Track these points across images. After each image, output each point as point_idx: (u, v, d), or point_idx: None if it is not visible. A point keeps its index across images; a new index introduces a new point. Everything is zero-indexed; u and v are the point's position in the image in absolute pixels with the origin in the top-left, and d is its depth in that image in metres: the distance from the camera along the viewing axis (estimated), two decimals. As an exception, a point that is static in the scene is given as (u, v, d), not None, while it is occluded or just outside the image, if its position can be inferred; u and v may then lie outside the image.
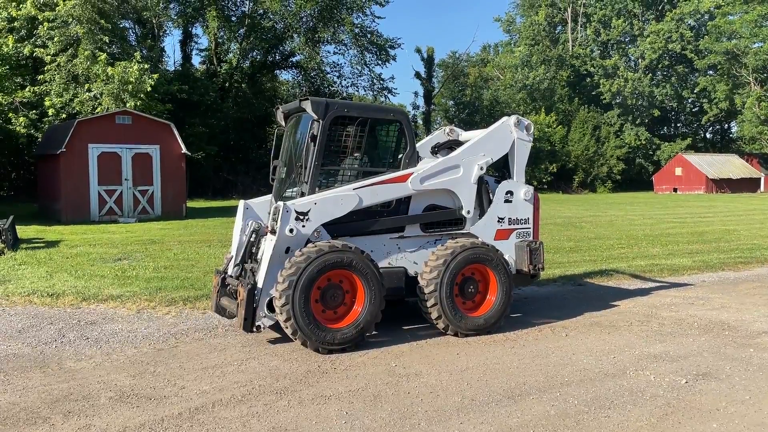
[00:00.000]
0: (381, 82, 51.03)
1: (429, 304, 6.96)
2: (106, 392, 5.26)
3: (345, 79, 51.86)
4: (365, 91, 52.29)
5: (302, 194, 6.89)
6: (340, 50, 50.57)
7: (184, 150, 23.03)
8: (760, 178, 60.51)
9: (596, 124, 58.89)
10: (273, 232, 6.53)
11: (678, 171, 59.45)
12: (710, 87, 59.53)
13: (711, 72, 61.15)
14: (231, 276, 7.25)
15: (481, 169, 7.59)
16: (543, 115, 56.64)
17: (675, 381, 5.55)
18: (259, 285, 6.47)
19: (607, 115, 61.55)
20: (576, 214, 25.68)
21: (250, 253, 7.20)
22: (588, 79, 62.85)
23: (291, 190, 7.40)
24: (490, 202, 7.82)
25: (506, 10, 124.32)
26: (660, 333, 7.26)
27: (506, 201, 7.88)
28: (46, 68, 29.84)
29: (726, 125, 72.95)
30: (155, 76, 29.16)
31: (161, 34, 44.55)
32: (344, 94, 51.80)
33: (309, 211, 6.60)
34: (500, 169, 8.40)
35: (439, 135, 8.75)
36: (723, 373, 5.79)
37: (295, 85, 52.46)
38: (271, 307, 6.48)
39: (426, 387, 5.42)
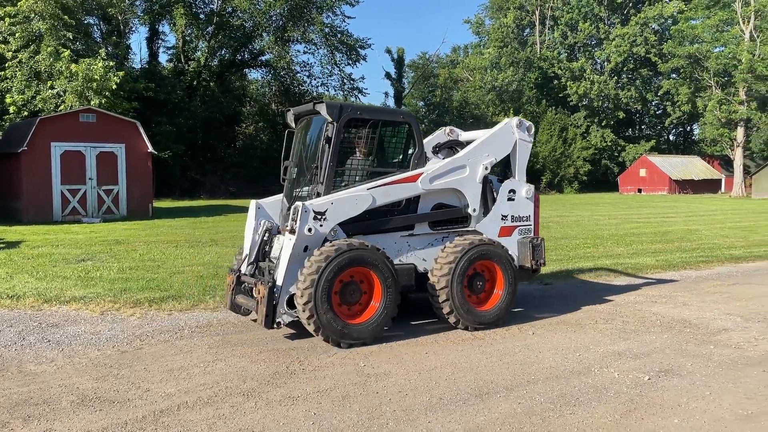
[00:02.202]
0: (351, 81, 51.01)
1: (441, 299, 7.20)
2: (68, 396, 5.13)
3: (315, 79, 51.68)
4: (335, 90, 52.19)
5: (318, 194, 7.03)
6: (310, 49, 50.46)
7: (150, 149, 22.68)
8: (720, 180, 62.17)
9: (563, 125, 59.83)
10: (292, 231, 6.69)
11: (642, 172, 60.74)
12: (673, 90, 60.89)
13: (674, 75, 62.55)
14: (246, 274, 7.40)
15: (486, 168, 7.87)
16: (511, 116, 57.18)
17: (638, 378, 5.66)
18: (279, 283, 6.64)
19: (574, 117, 62.57)
20: (543, 215, 25.94)
21: (263, 252, 7.44)
22: (555, 81, 63.78)
23: (300, 189, 7.59)
24: (494, 200, 8.10)
25: (476, 12, 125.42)
26: (624, 331, 7.40)
27: (509, 199, 8.17)
28: (7, 65, 29.10)
29: (688, 127, 74.79)
30: (121, 73, 28.65)
31: (127, 31, 43.76)
32: (314, 94, 51.61)
33: (326, 210, 6.78)
34: (501, 168, 8.67)
35: (440, 135, 8.94)
36: (684, 369, 5.92)
37: (264, 84, 52.11)
38: (290, 304, 6.67)
39: (395, 387, 5.42)
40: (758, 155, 56.73)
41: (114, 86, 27.70)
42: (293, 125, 8.20)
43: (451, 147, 8.49)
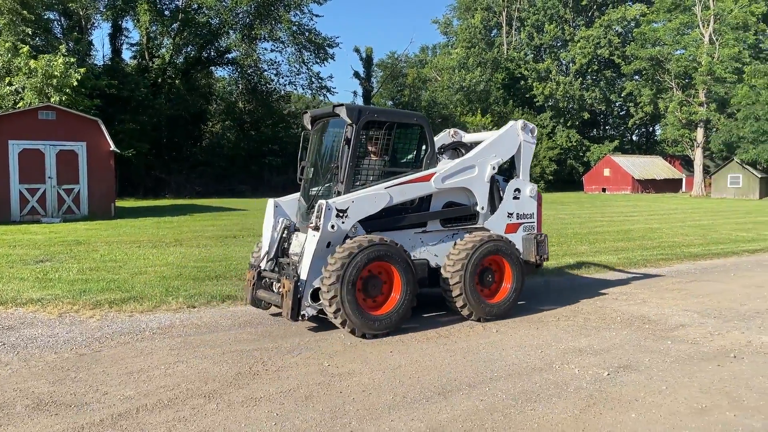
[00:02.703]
0: (319, 80, 50.85)
1: (455, 293, 7.58)
2: (23, 400, 5.00)
3: (283, 77, 51.38)
4: (303, 89, 52.03)
5: (338, 193, 7.32)
6: (277, 48, 50.15)
7: (112, 147, 22.22)
8: (681, 179, 63.74)
9: (530, 126, 60.46)
10: (316, 228, 6.99)
11: (606, 172, 61.91)
12: (636, 91, 62.21)
13: (637, 77, 63.91)
14: (266, 270, 7.71)
15: (494, 168, 8.31)
16: (479, 116, 57.78)
17: (598, 373, 5.76)
18: (303, 277, 6.95)
19: (540, 117, 63.39)
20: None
21: (282, 249, 7.79)
22: (522, 82, 64.54)
23: (316, 188, 8.00)
24: (500, 199, 8.58)
25: (444, 12, 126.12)
26: (585, 327, 7.53)
27: (515, 198, 8.67)
28: (-38, 60, 28.17)
29: (651, 128, 76.45)
30: (82, 70, 28.03)
31: (89, 27, 42.87)
32: (282, 93, 51.30)
33: (348, 208, 7.11)
34: (506, 168, 9.08)
35: (444, 137, 9.37)
36: (642, 364, 6.05)
37: (231, 82, 51.56)
38: (314, 298, 6.99)
39: (358, 386, 5.41)
40: (717, 156, 58.29)
41: (75, 83, 27.09)
42: (309, 127, 8.48)
43: (455, 148, 8.91)
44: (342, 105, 7.48)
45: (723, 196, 51.45)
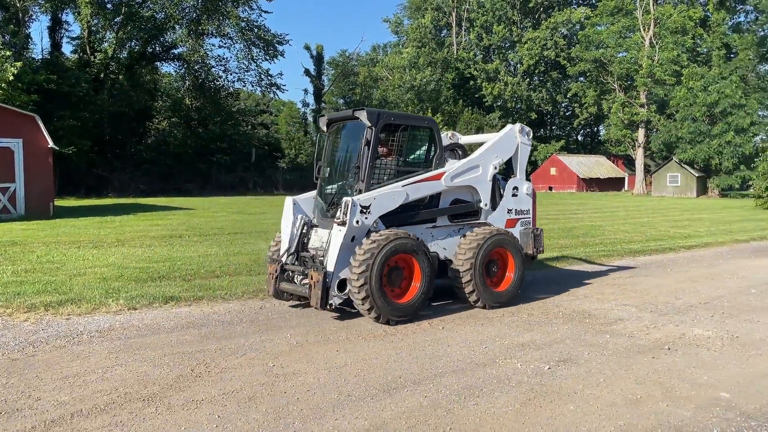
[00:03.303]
0: (269, 77, 50.26)
1: (465, 283, 8.18)
2: (-53, 409, 4.75)
3: (231, 74, 50.61)
4: (253, 86, 51.32)
5: (359, 191, 7.83)
6: (225, 44, 49.28)
7: (51, 144, 21.40)
8: (624, 178, 65.85)
9: (479, 125, 61.41)
10: (343, 223, 7.47)
11: (553, 171, 63.40)
12: (581, 92, 63.94)
13: (581, 78, 65.67)
14: (288, 263, 8.17)
15: (495, 168, 8.98)
16: (429, 115, 58.19)
17: (539, 368, 5.89)
18: (330, 269, 7.43)
19: (489, 117, 64.34)
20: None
21: (302, 244, 8.28)
22: (471, 82, 65.37)
23: (331, 186, 8.55)
24: (501, 196, 9.26)
25: (394, 11, 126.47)
26: (528, 323, 7.68)
27: (513, 195, 9.40)
28: None
29: (595, 128, 78.67)
30: (18, 64, 26.92)
31: (26, 19, 41.12)
32: (231, 89, 50.49)
33: (370, 205, 7.63)
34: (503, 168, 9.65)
35: (443, 139, 9.64)
36: (582, 358, 6.21)
37: (177, 78, 50.39)
38: (341, 288, 7.49)
39: (303, 386, 5.37)
40: (657, 155, 60.50)
41: (11, 77, 25.98)
42: (325, 129, 8.92)
43: (453, 149, 9.48)
44: (363, 109, 8.01)
45: (663, 195, 53.44)
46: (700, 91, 50.85)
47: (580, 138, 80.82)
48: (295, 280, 8.10)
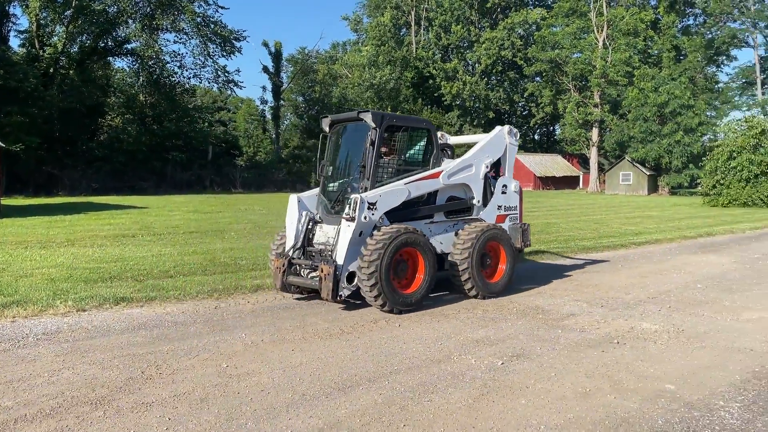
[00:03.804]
0: (226, 74, 49.55)
1: (463, 275, 8.71)
2: None
3: (187, 70, 49.72)
4: (209, 83, 50.50)
5: (365, 189, 8.24)
6: (181, 39, 48.33)
7: (-3, 141, 20.60)
8: (579, 176, 67.28)
9: (438, 124, 61.82)
10: (352, 219, 7.89)
11: (510, 169, 64.13)
12: (537, 92, 65.04)
13: (538, 78, 66.80)
14: (295, 258, 8.53)
15: (486, 167, 9.61)
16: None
17: (492, 363, 5.97)
18: (340, 262, 7.84)
19: (448, 116, 64.86)
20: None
21: (308, 239, 8.68)
22: (430, 81, 65.73)
23: (333, 184, 9.00)
24: (492, 193, 9.84)
25: (354, 9, 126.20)
26: (483, 319, 7.78)
27: (502, 192, 10.04)
28: None
29: (551, 128, 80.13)
30: (-39, 57, 25.77)
31: (-30, 10, 39.49)
32: (186, 86, 49.57)
33: (377, 202, 8.08)
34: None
35: None
36: (534, 353, 6.33)
37: (131, 74, 49.18)
38: (349, 280, 7.90)
39: (257, 386, 5.32)
40: (611, 154, 62.01)
41: (-48, 71, 24.90)
42: (327, 130, 9.30)
43: (443, 149, 9.78)
44: (368, 111, 8.45)
45: (616, 193, 54.83)
46: (651, 92, 52.35)
47: (536, 137, 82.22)
48: (302, 274, 8.51)
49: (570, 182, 65.98)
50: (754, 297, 9.38)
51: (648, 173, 54.27)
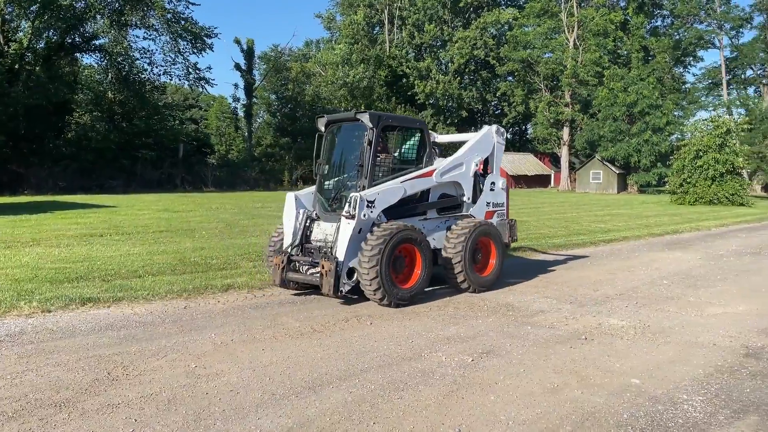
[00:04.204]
0: (197, 71, 48.93)
1: (456, 269, 9.01)
2: None
3: (157, 67, 48.95)
4: (180, 80, 49.81)
5: (363, 187, 8.47)
6: (150, 35, 47.61)
7: (-42, 138, 20.03)
8: (550, 175, 68.06)
9: (411, 122, 61.81)
10: (351, 217, 8.10)
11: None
12: (509, 92, 65.59)
13: (510, 78, 67.34)
14: (294, 254, 8.74)
15: (476, 165, 9.93)
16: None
17: (463, 360, 6.01)
18: (341, 259, 8.06)
19: (421, 115, 64.93)
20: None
21: (306, 236, 8.89)
22: (404, 80, 65.79)
23: (328, 182, 9.27)
24: (481, 191, 10.14)
25: (327, 7, 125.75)
26: (454, 316, 7.83)
27: (491, 189, 10.37)
28: None
29: (523, 127, 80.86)
30: None
31: (-70, 4, 38.35)
32: (156, 83, 48.85)
33: (375, 200, 8.33)
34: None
35: None
36: (504, 349, 6.39)
37: (100, 71, 48.25)
38: (349, 275, 8.13)
39: (226, 386, 5.27)
40: (581, 153, 62.89)
41: None
42: (323, 129, 9.47)
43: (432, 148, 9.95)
44: (365, 112, 8.67)
45: (586, 191, 55.61)
46: (621, 92, 53.21)
47: (509, 136, 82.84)
48: (301, 270, 8.70)
49: (542, 181, 66.69)
50: (718, 293, 9.60)
51: (617, 172, 55.15)
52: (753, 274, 11.45)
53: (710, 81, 66.36)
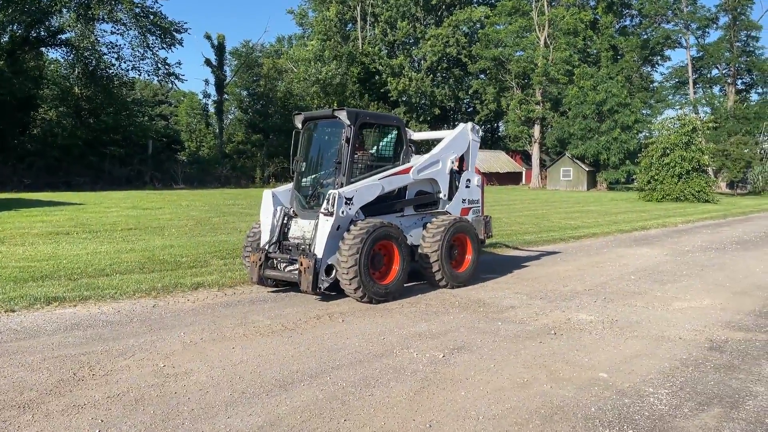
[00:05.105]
0: (166, 66, 48.16)
1: (433, 265, 9.10)
2: None
3: (125, 62, 48.01)
4: (149, 75, 49.02)
5: (341, 185, 8.52)
6: (118, 30, 46.60)
7: None
8: (521, 172, 68.74)
9: (384, 119, 61.82)
10: (330, 214, 8.13)
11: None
12: (481, 89, 66.06)
13: (482, 76, 67.80)
14: (272, 251, 8.77)
15: (452, 162, 10.06)
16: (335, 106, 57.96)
17: (434, 356, 6.04)
18: (319, 256, 8.08)
19: (394, 112, 64.97)
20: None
21: (283, 233, 8.90)
22: (377, 77, 65.76)
23: (306, 179, 9.33)
24: (457, 188, 10.25)
25: (299, 3, 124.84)
26: (426, 313, 7.86)
27: (466, 186, 10.48)
28: None
29: (495, 125, 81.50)
30: None
31: None
32: (125, 78, 47.99)
33: (353, 197, 8.37)
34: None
35: None
36: (475, 345, 6.43)
37: (66, 66, 47.17)
38: (328, 272, 8.16)
39: (195, 385, 5.21)
40: (552, 150, 63.65)
41: None
42: (300, 126, 9.50)
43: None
44: (343, 109, 8.66)
45: (557, 188, 56.32)
46: (590, 90, 53.99)
47: (481, 133, 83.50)
48: (279, 267, 8.70)
49: (513, 178, 67.32)
50: (684, 288, 9.81)
51: (587, 169, 55.97)
52: (717, 269, 11.73)
53: (677, 80, 67.79)
